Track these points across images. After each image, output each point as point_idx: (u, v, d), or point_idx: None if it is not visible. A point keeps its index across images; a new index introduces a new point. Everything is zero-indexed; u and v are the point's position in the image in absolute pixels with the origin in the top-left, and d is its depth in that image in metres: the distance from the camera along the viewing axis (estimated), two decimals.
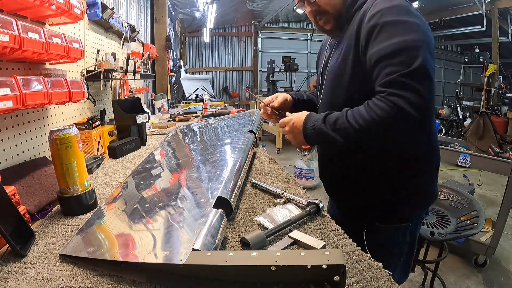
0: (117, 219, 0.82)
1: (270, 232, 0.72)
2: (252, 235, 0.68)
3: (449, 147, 2.43)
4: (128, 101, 1.93)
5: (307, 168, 3.82)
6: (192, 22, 7.00)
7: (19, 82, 0.85)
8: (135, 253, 0.64)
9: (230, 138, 1.51)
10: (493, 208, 3.12)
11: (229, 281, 0.54)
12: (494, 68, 5.95)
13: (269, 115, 1.10)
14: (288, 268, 0.50)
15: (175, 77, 5.37)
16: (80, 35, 1.63)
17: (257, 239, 0.68)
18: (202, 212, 0.74)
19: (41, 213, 0.89)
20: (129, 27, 2.36)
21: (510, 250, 2.42)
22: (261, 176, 1.19)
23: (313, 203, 0.84)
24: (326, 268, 0.49)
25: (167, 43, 4.08)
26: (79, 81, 1.22)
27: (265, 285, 0.53)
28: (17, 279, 0.59)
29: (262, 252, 0.57)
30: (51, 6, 1.01)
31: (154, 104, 3.31)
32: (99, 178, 1.22)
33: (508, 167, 1.97)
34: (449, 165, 4.53)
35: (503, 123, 5.39)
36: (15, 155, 1.06)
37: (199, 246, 0.59)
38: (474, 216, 1.56)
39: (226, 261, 0.52)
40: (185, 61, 7.66)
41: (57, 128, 0.82)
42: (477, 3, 5.68)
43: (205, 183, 0.95)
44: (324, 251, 0.52)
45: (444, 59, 9.39)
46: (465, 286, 2.05)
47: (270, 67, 6.48)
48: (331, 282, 0.50)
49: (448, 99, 7.54)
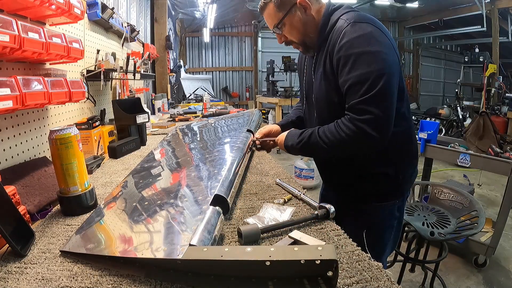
0: (116, 217, 0.83)
1: (266, 228, 0.74)
2: (246, 227, 0.71)
3: (449, 147, 2.42)
4: (128, 101, 1.92)
5: (307, 168, 3.82)
6: (192, 22, 7.00)
7: (19, 82, 0.85)
8: (133, 249, 0.65)
9: (229, 138, 1.51)
10: (493, 208, 3.12)
11: (225, 275, 0.55)
12: (494, 68, 5.95)
13: (264, 146, 1.25)
14: (282, 263, 0.51)
15: (175, 77, 5.36)
16: (80, 35, 1.63)
17: (251, 231, 0.70)
18: (199, 210, 0.75)
19: (41, 213, 0.89)
20: (129, 27, 2.36)
21: (510, 250, 2.42)
22: (261, 176, 1.19)
23: (324, 207, 0.84)
24: (319, 263, 0.50)
25: (167, 43, 4.08)
26: (79, 81, 1.22)
27: (260, 280, 0.54)
28: (17, 279, 0.59)
29: (257, 247, 0.59)
30: (51, 6, 1.01)
31: (154, 104, 3.31)
32: (99, 178, 1.22)
33: (508, 167, 1.97)
34: (449, 165, 4.53)
35: (503, 123, 5.39)
36: (15, 155, 1.06)
37: (196, 241, 0.60)
38: (474, 216, 1.56)
39: (222, 256, 0.53)
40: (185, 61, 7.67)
41: (57, 128, 0.82)
42: (477, 3, 5.67)
43: (203, 182, 0.96)
44: (317, 247, 0.52)
45: (444, 59, 9.40)
46: (465, 286, 2.05)
47: (270, 67, 6.48)
48: (324, 277, 0.52)
49: (448, 99, 7.55)
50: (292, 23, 1.03)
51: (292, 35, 1.06)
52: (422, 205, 1.76)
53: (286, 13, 1.02)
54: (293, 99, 5.58)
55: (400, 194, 1.11)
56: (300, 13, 1.02)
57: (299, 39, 1.07)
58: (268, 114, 6.57)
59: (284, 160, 5.12)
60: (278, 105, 5.79)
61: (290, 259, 0.51)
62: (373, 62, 0.87)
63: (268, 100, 6.34)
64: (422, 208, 1.72)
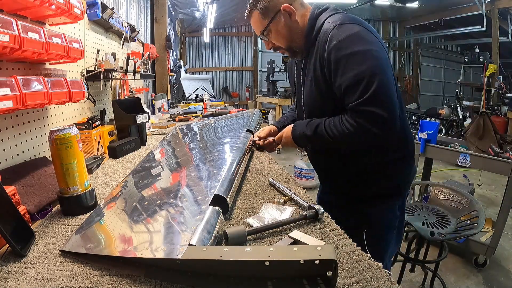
0: (116, 217, 0.83)
1: (253, 230, 0.73)
2: (232, 230, 0.70)
3: (449, 147, 2.42)
4: (128, 101, 1.92)
5: (307, 168, 3.82)
6: (192, 22, 7.00)
7: (19, 82, 0.85)
8: (133, 249, 0.65)
9: (229, 138, 1.51)
10: (493, 208, 3.12)
11: (225, 275, 0.56)
12: (494, 68, 5.95)
13: (265, 146, 1.27)
14: (282, 263, 0.51)
15: (175, 77, 5.36)
16: (80, 35, 1.63)
17: (236, 233, 0.69)
18: (199, 210, 0.75)
19: (41, 213, 0.89)
20: (129, 27, 2.35)
21: (510, 250, 2.42)
22: (261, 176, 1.19)
23: (313, 207, 0.84)
24: (318, 263, 0.50)
25: (167, 43, 4.08)
26: (79, 81, 1.22)
27: (259, 280, 0.54)
28: (17, 279, 0.59)
29: (256, 247, 0.59)
30: (51, 6, 1.01)
31: (154, 104, 3.31)
32: (99, 178, 1.22)
33: (508, 167, 1.97)
34: (449, 165, 4.53)
35: (503, 123, 5.39)
36: (15, 155, 1.06)
37: (195, 241, 0.60)
38: (474, 216, 1.56)
39: (221, 256, 0.54)
40: (185, 61, 7.67)
41: (57, 128, 0.82)
42: (477, 3, 5.67)
43: (203, 182, 0.96)
44: (316, 247, 0.53)
45: (444, 59, 9.39)
46: (465, 286, 2.05)
47: (270, 67, 6.47)
48: (324, 277, 0.52)
49: (448, 99, 7.54)
50: (277, 29, 1.03)
51: (278, 41, 1.06)
52: (422, 205, 1.76)
53: (271, 20, 1.02)
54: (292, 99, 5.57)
55: (399, 193, 1.12)
56: (285, 19, 1.02)
57: (285, 45, 1.07)
58: (268, 114, 6.57)
59: (284, 160, 5.12)
60: (278, 105, 5.79)
61: (290, 259, 0.51)
62: (365, 61, 0.87)
63: (268, 100, 6.34)
64: (422, 208, 1.72)
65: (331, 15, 0.99)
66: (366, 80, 0.86)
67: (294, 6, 1.01)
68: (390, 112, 0.87)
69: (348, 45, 0.89)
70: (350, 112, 0.92)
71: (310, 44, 1.02)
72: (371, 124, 0.87)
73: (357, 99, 0.88)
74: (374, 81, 0.85)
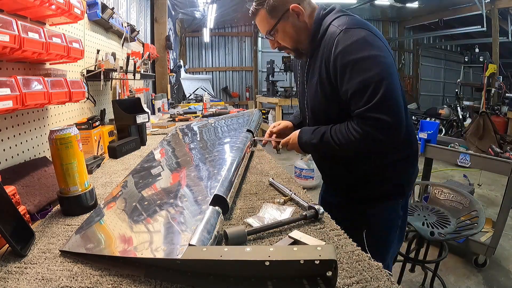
0: (116, 217, 0.83)
1: (253, 230, 0.73)
2: (232, 230, 0.70)
3: (449, 147, 2.42)
4: (128, 101, 1.92)
5: (307, 168, 3.82)
6: (192, 22, 7.00)
7: (19, 82, 0.85)
8: (133, 249, 0.65)
9: (229, 138, 1.51)
10: (493, 208, 3.12)
11: (224, 275, 0.56)
12: (494, 68, 5.95)
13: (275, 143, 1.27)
14: (281, 263, 0.51)
15: (175, 77, 5.36)
16: (80, 35, 1.63)
17: (236, 233, 0.69)
18: (199, 210, 0.75)
19: (41, 213, 0.89)
20: (129, 27, 2.35)
21: (510, 250, 2.42)
22: (261, 176, 1.19)
23: (313, 207, 0.84)
24: (318, 263, 0.50)
25: (167, 43, 4.08)
26: (79, 81, 1.22)
27: (259, 280, 0.54)
28: (17, 279, 0.59)
29: (256, 247, 0.59)
30: (51, 6, 1.01)
31: (154, 104, 3.31)
32: (99, 178, 1.22)
33: (508, 167, 1.97)
34: (449, 165, 4.53)
35: (503, 123, 5.39)
36: (15, 155, 1.06)
37: (195, 241, 0.60)
38: (474, 216, 1.56)
39: (221, 256, 0.53)
40: (185, 61, 7.66)
41: (57, 128, 0.82)
42: (477, 3, 5.67)
43: (203, 182, 0.96)
44: (316, 247, 0.52)
45: (444, 59, 9.39)
46: (465, 286, 2.05)
47: (270, 67, 6.48)
48: (324, 277, 0.52)
49: (448, 99, 7.54)
50: (285, 29, 1.01)
51: (285, 41, 1.05)
52: (422, 205, 1.76)
53: (279, 20, 1.00)
54: (293, 99, 5.58)
55: (402, 193, 1.12)
56: (292, 19, 1.00)
57: (292, 46, 1.05)
58: (268, 114, 6.57)
59: (284, 160, 5.12)
60: (278, 105, 5.79)
61: (289, 259, 0.51)
62: (371, 67, 0.87)
63: (268, 100, 6.34)
64: (422, 208, 1.73)
65: (337, 17, 0.97)
66: (372, 86, 0.86)
67: (303, 6, 0.99)
68: (396, 118, 0.87)
69: (354, 50, 0.88)
70: (356, 118, 0.91)
71: (315, 46, 1.01)
72: (377, 131, 0.88)
73: (364, 105, 0.87)
74: (380, 87, 0.85)
